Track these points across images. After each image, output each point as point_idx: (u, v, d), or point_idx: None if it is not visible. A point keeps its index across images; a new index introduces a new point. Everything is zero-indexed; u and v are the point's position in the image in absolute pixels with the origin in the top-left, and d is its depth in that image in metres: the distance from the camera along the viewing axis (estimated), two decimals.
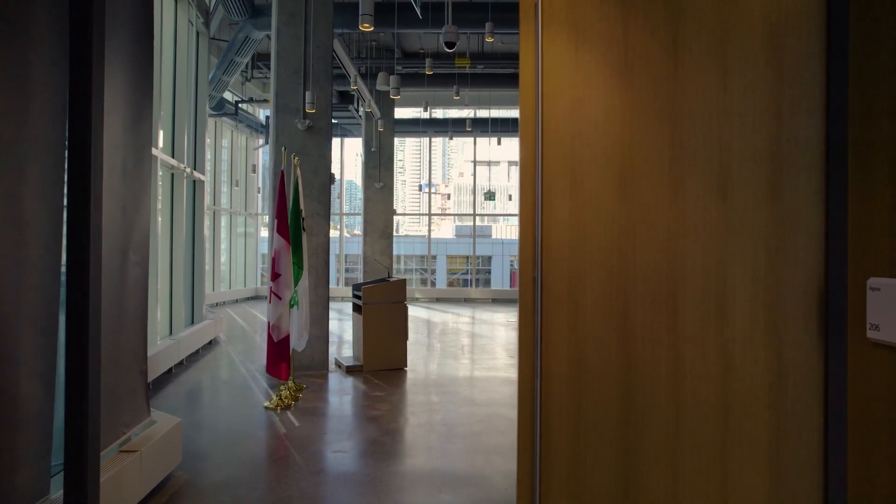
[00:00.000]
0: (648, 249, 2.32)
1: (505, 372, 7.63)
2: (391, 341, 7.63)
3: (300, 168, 7.15)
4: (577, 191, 2.33)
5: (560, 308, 2.34)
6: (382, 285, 7.66)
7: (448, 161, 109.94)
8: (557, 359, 2.35)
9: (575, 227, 2.32)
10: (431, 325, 12.53)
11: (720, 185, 2.32)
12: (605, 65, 2.35)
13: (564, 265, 2.32)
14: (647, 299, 2.33)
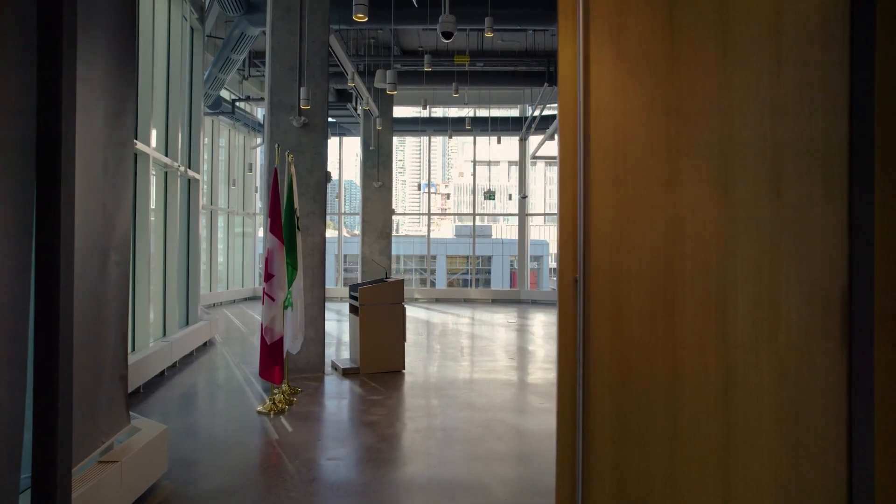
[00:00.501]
0: (697, 248, 2.13)
1: (505, 374, 7.46)
2: (389, 343, 7.46)
3: (295, 166, 6.98)
4: (621, 186, 2.15)
5: (602, 312, 2.16)
6: (380, 286, 7.49)
7: (448, 161, 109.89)
8: (599, 366, 2.17)
9: (618, 224, 2.15)
10: (431, 326, 12.37)
11: (773, 181, 2.12)
12: (650, 51, 2.17)
13: (607, 266, 2.15)
14: (696, 302, 2.14)
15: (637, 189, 2.14)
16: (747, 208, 2.12)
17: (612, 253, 2.14)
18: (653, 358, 2.15)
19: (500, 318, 13.81)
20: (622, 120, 2.16)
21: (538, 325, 12.68)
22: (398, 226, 75.75)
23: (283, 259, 5.65)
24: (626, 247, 2.14)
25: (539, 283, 39.10)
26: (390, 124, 14.32)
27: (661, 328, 2.15)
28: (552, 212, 26.73)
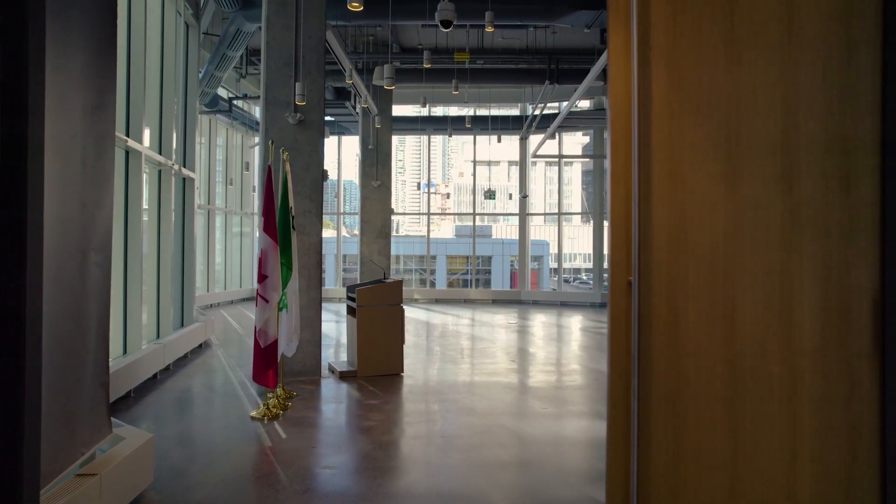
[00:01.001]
0: (759, 249, 1.94)
1: (505, 377, 7.28)
2: (387, 345, 7.28)
3: (291, 164, 6.80)
4: (676, 182, 1.96)
5: (657, 318, 1.97)
6: (378, 287, 7.31)
7: (448, 161, 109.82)
8: (653, 376, 1.98)
9: (674, 224, 1.96)
10: (430, 328, 12.19)
11: (842, 176, 1.93)
12: (709, 33, 1.97)
13: (662, 268, 1.96)
14: (759, 307, 1.95)
15: (694, 185, 1.95)
16: (814, 206, 1.93)
17: (667, 254, 1.96)
18: (711, 367, 1.96)
19: (500, 319, 13.64)
20: (678, 110, 1.97)
21: (538, 327, 12.51)
22: (398, 226, 75.73)
23: (277, 259, 5.47)
24: (682, 247, 1.96)
25: (539, 284, 38.95)
26: (389, 123, 14.15)
27: (721, 335, 1.96)
28: (552, 211, 26.54)
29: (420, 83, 13.30)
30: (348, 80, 9.49)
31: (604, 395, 6.39)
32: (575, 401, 6.22)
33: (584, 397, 6.37)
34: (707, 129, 1.95)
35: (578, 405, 6.05)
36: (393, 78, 9.57)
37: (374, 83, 10.67)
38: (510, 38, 13.31)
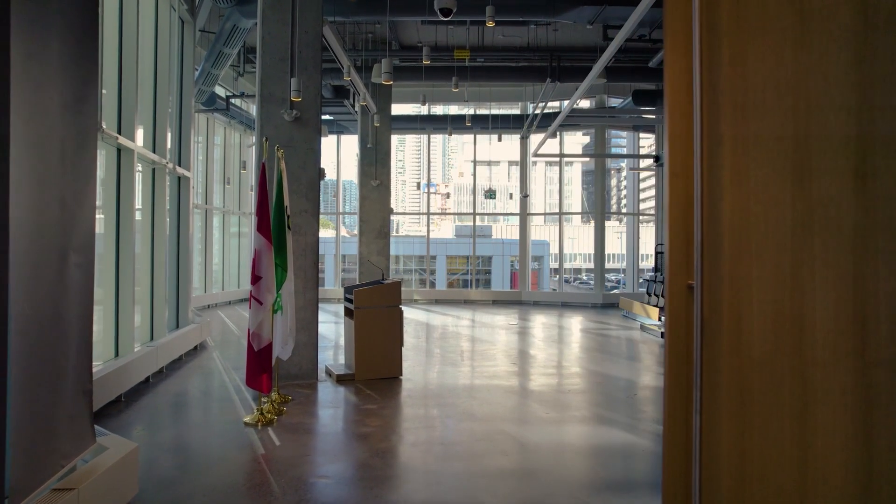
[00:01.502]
0: (831, 251, 1.77)
1: (506, 380, 7.11)
2: (385, 348, 7.11)
3: (287, 162, 6.63)
4: (741, 179, 1.79)
5: (719, 324, 1.80)
6: (376, 288, 7.14)
7: (448, 161, 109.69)
8: (714, 388, 1.81)
9: (737, 223, 1.79)
10: (430, 329, 12.02)
11: None
12: (775, 16, 1.79)
13: (724, 271, 1.79)
14: (830, 313, 1.79)
15: (758, 182, 1.78)
16: (892, 204, 1.75)
17: (729, 256, 1.78)
18: (778, 377, 1.79)
19: (500, 320, 13.47)
20: (742, 100, 1.80)
21: (539, 328, 12.34)
22: (398, 226, 75.63)
23: (271, 260, 5.30)
24: (746, 248, 1.79)
25: (540, 284, 38.79)
26: (388, 121, 13.99)
27: (788, 342, 1.79)
28: (553, 211, 26.34)
29: (419, 81, 13.14)
30: (346, 76, 9.33)
31: (606, 398, 6.24)
32: (578, 405, 6.05)
33: (587, 401, 6.21)
34: (773, 121, 1.78)
35: (581, 410, 5.88)
36: (391, 72, 9.41)
37: (373, 80, 10.51)
38: (511, 36, 13.14)
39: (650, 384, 7.10)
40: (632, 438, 4.97)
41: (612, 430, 5.22)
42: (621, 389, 6.87)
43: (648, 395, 6.58)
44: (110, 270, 6.69)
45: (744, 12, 1.82)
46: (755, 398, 1.79)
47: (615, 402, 6.23)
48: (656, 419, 5.58)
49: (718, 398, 1.81)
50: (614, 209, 48.89)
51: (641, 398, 6.42)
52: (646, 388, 6.88)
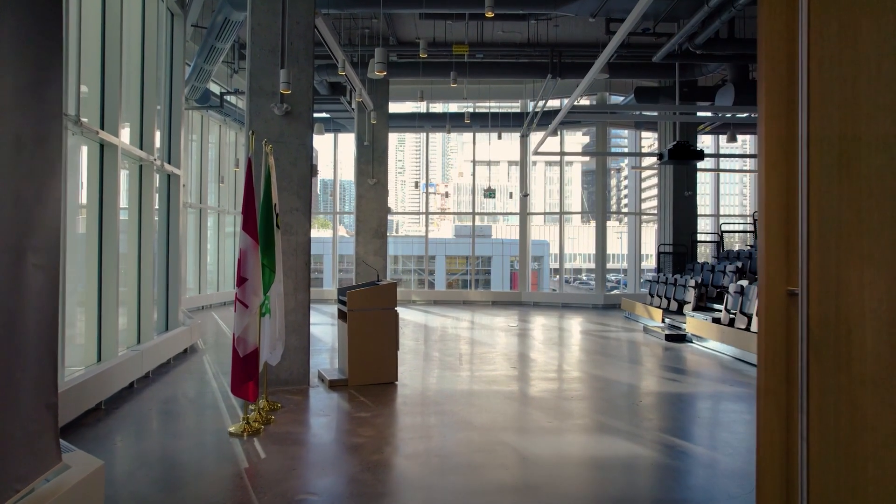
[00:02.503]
0: None
1: (506, 386, 6.83)
2: (379, 352, 6.83)
3: (278, 158, 6.37)
4: (850, 168, 1.51)
5: (823, 336, 1.53)
6: (370, 289, 6.86)
7: (447, 161, 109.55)
8: (820, 410, 1.54)
9: (844, 219, 1.52)
10: (428, 331, 11.74)
11: None
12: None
13: (830, 273, 1.52)
14: None
15: (872, 172, 1.51)
16: None
17: (836, 259, 1.51)
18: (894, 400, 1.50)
19: (500, 322, 13.19)
20: (852, 72, 1.52)
21: (539, 330, 12.07)
22: (397, 226, 75.48)
23: (257, 260, 5.02)
24: (856, 250, 1.51)
25: (539, 284, 38.53)
26: (386, 118, 13.72)
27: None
28: (553, 210, 26.06)
29: (417, 77, 12.86)
30: (341, 71, 9.05)
31: (609, 405, 5.95)
32: (580, 413, 5.77)
33: (590, 409, 5.93)
34: (889, 97, 1.50)
35: (584, 418, 5.60)
36: (385, 63, 9.13)
37: (370, 76, 10.24)
38: (511, 32, 12.88)
39: (655, 389, 6.82)
40: (639, 450, 4.69)
41: (618, 440, 4.94)
42: (625, 395, 6.59)
43: (653, 401, 6.30)
44: (93, 272, 6.42)
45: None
46: (868, 424, 1.50)
47: (619, 410, 5.96)
48: (662, 427, 5.30)
49: (827, 424, 1.53)
50: (614, 209, 48.67)
51: (647, 405, 6.15)
52: (650, 394, 6.61)
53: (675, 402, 6.30)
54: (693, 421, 5.57)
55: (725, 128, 15.75)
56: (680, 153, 10.42)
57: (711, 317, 10.68)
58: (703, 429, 5.36)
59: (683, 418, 5.68)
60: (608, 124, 16.87)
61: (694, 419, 5.63)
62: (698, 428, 5.36)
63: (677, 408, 6.07)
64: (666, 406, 6.13)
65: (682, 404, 6.20)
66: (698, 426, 5.41)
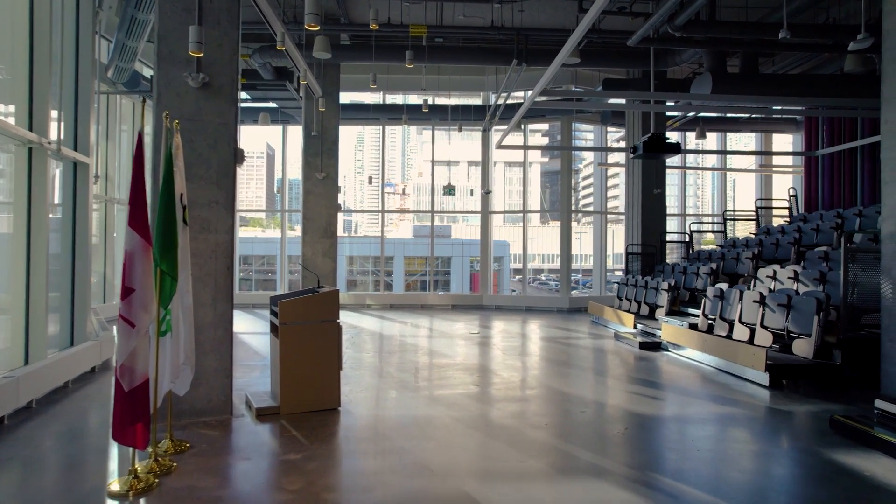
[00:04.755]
0: None
1: (468, 409, 5.82)
2: (318, 373, 5.73)
3: (194, 140, 5.21)
4: None
5: None
6: (307, 298, 5.75)
7: (407, 161, 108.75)
8: None
9: None
10: (381, 340, 10.64)
11: None
12: None
13: None
14: None
15: None
16: None
17: None
18: None
19: (460, 328, 12.20)
20: None
21: (503, 337, 11.12)
22: (356, 226, 74.19)
23: (149, 266, 3.86)
24: None
25: (500, 286, 37.81)
26: (336, 107, 12.55)
27: None
28: (516, 209, 25.20)
29: (370, 62, 11.75)
30: (280, 45, 7.89)
31: (591, 435, 4.81)
32: (556, 447, 4.81)
33: (566, 440, 4.97)
34: None
35: (561, 454, 4.64)
36: (329, 52, 8.08)
37: (315, 55, 9.09)
38: (472, 17, 11.90)
39: (637, 411, 5.93)
40: (636, 500, 3.74)
41: (605, 485, 3.99)
42: (607, 421, 5.67)
43: (638, 428, 5.39)
44: None
45: None
46: None
47: (602, 442, 5.02)
48: (655, 466, 4.38)
49: None
50: (574, 209, 48.44)
51: (634, 434, 5.23)
52: (633, 418, 5.70)
53: (663, 428, 5.41)
54: (690, 455, 4.67)
55: (694, 124, 15.17)
56: (655, 146, 9.63)
57: (688, 323, 9.93)
58: (704, 466, 4.47)
59: (678, 452, 4.77)
60: (574, 118, 16.10)
61: (691, 453, 4.73)
62: (699, 465, 4.46)
63: (668, 437, 5.17)
64: (655, 435, 5.22)
65: (672, 432, 5.31)
66: (698, 463, 4.51)
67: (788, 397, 6.50)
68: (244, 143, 42.35)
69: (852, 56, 10.16)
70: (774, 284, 9.14)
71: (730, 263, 11.91)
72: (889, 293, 6.77)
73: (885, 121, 6.92)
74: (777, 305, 7.72)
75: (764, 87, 10.15)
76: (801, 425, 5.52)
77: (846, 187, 13.57)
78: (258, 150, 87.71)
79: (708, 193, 44.21)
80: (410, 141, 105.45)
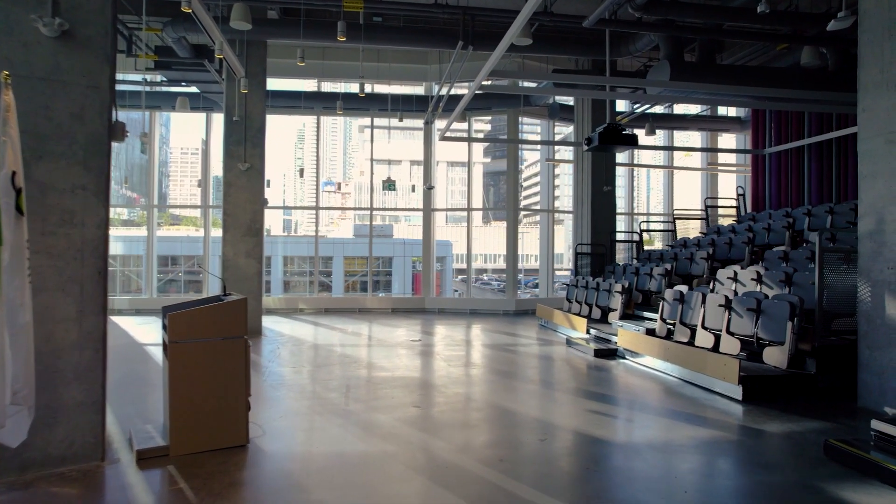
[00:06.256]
0: None
1: (408, 441, 4.82)
2: (220, 402, 4.60)
3: (48, 105, 4.00)
4: None
5: None
6: (206, 310, 4.60)
7: (349, 160, 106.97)
8: None
9: None
10: (311, 351, 9.49)
11: None
12: None
13: None
14: None
15: None
16: None
17: None
18: None
19: (401, 335, 11.17)
20: None
21: (447, 345, 10.17)
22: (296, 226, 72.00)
23: None
24: None
25: (443, 286, 36.96)
26: (262, 89, 11.26)
27: None
28: (459, 206, 24.32)
29: (299, 40, 10.56)
30: (185, 7, 6.63)
31: (556, 473, 4.01)
32: (518, 495, 3.87)
33: (528, 481, 4.05)
34: None
35: (530, 497, 3.71)
36: (248, 21, 6.88)
37: (232, 25, 7.86)
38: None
39: (607, 436, 5.09)
40: None
41: None
42: (571, 452, 4.79)
43: (612, 461, 4.54)
44: None
45: None
46: None
47: (572, 483, 4.13)
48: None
49: None
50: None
51: (606, 471, 4.36)
52: (604, 447, 4.85)
53: (637, 460, 4.57)
54: (678, 498, 3.84)
55: (643, 121, 14.70)
56: (611, 137, 8.91)
57: (644, 328, 9.27)
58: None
59: (664, 496, 3.92)
60: (521, 112, 15.36)
61: (678, 496, 3.90)
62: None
63: (646, 473, 4.32)
64: (630, 470, 4.37)
65: (648, 465, 4.48)
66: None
67: (766, 414, 5.82)
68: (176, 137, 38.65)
69: (809, 49, 9.79)
70: (736, 286, 8.57)
71: (683, 264, 11.40)
72: (867, 296, 6.21)
73: (863, 109, 6.36)
74: (746, 310, 7.09)
75: (722, 77, 9.62)
76: (790, 451, 4.80)
77: (793, 187, 13.38)
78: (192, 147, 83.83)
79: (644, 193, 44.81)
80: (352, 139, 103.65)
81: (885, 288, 5.99)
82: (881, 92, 6.10)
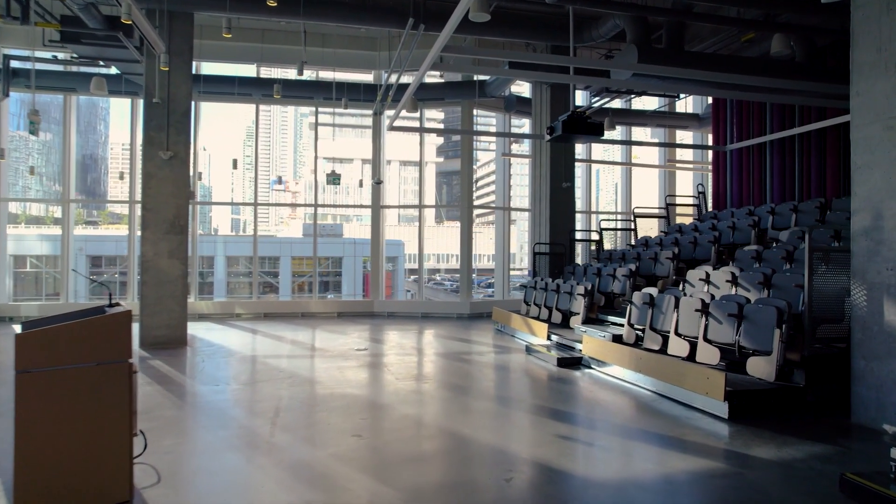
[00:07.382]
0: None
1: (343, 491, 3.84)
2: (92, 448, 3.51)
3: None
4: None
5: None
6: (71, 327, 3.49)
7: (299, 158, 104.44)
8: None
9: None
10: (240, 365, 8.35)
11: None
12: None
13: None
14: None
15: None
16: None
17: None
18: None
19: (345, 344, 10.12)
20: None
21: (397, 355, 9.20)
22: (244, 225, 69.55)
23: None
24: None
25: (394, 287, 35.88)
26: (188, 68, 9.99)
27: None
28: (411, 203, 23.32)
29: (225, 12, 9.38)
30: None
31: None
32: None
33: None
34: None
35: None
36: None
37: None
38: None
39: (584, 473, 4.25)
40: None
41: None
42: (546, 497, 3.91)
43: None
44: None
45: None
46: None
47: None
48: None
49: None
50: None
51: None
52: (583, 488, 4.00)
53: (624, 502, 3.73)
54: None
55: (603, 115, 14.08)
56: (575, 126, 8.13)
57: (610, 333, 8.54)
58: None
59: None
60: (476, 104, 14.52)
61: None
62: None
63: None
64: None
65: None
66: None
67: (758, 436, 5.10)
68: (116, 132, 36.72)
69: (779, 37, 9.27)
70: (709, 288, 7.93)
71: (646, 264, 10.77)
72: (863, 301, 5.57)
73: (857, 93, 5.73)
74: (726, 316, 6.40)
75: (690, 63, 9.01)
76: (799, 487, 4.06)
77: (755, 185, 13.00)
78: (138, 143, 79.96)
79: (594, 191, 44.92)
80: (303, 138, 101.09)
81: (883, 291, 5.37)
82: (878, 73, 5.49)
